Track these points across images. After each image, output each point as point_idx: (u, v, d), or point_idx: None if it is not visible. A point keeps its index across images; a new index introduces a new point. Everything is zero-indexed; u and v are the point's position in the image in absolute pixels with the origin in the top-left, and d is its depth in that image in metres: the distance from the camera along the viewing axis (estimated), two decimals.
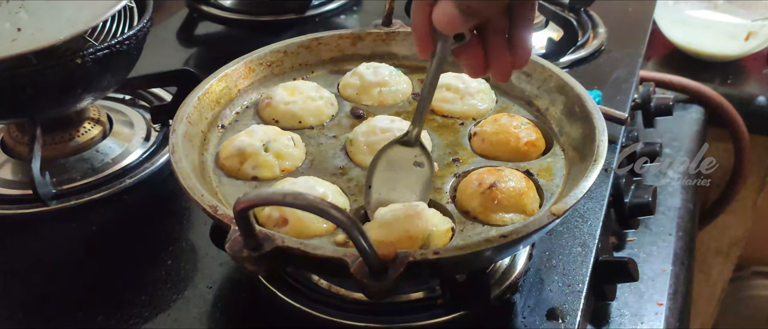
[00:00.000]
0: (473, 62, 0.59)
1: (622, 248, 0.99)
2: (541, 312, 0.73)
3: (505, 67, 0.59)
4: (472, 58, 0.59)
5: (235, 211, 0.52)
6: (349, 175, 0.75)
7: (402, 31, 0.94)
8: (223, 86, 0.84)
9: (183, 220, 0.88)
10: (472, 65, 0.60)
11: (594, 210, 0.86)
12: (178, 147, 0.70)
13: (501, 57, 0.59)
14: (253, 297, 0.75)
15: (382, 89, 0.87)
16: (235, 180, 0.74)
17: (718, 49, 1.41)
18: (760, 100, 1.35)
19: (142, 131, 1.03)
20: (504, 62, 0.59)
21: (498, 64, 0.59)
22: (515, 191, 0.69)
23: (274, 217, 0.66)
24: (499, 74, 0.60)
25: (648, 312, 0.87)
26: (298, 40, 0.92)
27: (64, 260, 0.83)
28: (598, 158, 0.68)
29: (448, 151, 0.79)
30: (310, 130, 0.82)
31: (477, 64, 0.59)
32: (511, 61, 0.59)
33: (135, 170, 0.95)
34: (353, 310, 0.71)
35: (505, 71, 0.60)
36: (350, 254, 0.55)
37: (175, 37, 1.39)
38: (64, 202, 0.89)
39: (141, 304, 0.75)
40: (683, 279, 0.97)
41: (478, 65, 0.59)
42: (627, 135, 1.08)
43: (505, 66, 0.59)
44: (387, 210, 0.66)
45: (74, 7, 0.86)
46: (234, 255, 0.55)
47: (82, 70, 0.83)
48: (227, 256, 0.58)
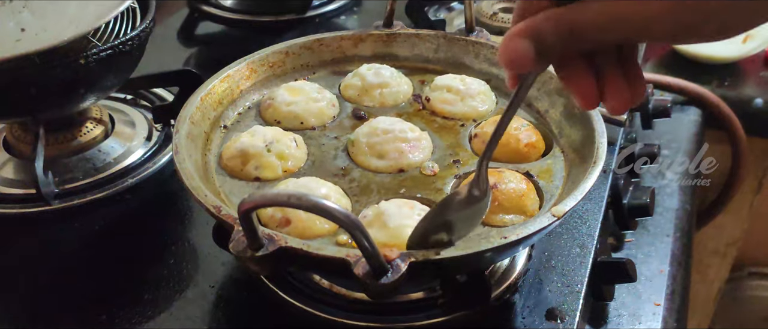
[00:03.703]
0: (585, 92, 0.50)
1: (620, 249, 1.00)
2: (540, 313, 0.73)
3: (623, 100, 0.50)
4: (583, 88, 0.50)
5: (240, 212, 0.53)
6: (350, 176, 0.76)
7: (403, 33, 0.94)
8: (225, 86, 0.84)
9: (185, 219, 0.89)
10: (584, 96, 0.50)
11: (593, 211, 0.87)
12: (182, 147, 0.71)
13: (618, 89, 0.49)
14: (254, 296, 0.76)
15: (383, 90, 0.88)
16: (237, 180, 0.75)
17: (715, 52, 1.41)
18: (757, 102, 1.35)
19: (144, 130, 1.03)
20: (621, 95, 0.49)
21: (615, 97, 0.49)
22: (515, 193, 0.69)
23: (277, 217, 0.67)
24: (615, 108, 0.50)
25: (646, 312, 0.88)
26: (300, 41, 0.92)
27: (66, 259, 0.84)
28: (598, 160, 0.69)
29: (449, 152, 0.79)
30: (312, 131, 0.83)
31: (590, 95, 0.50)
32: (629, 95, 0.49)
33: (137, 170, 0.95)
34: (354, 310, 0.72)
35: (623, 105, 0.50)
36: (353, 254, 0.56)
37: (176, 37, 1.40)
38: (66, 201, 0.89)
39: (143, 303, 0.75)
40: (680, 279, 0.98)
41: (590, 95, 0.50)
42: (625, 137, 1.08)
43: (623, 100, 0.50)
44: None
45: (78, 7, 0.87)
46: (238, 255, 0.56)
47: (86, 70, 0.83)
48: (229, 256, 0.59)
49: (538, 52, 0.45)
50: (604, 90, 0.49)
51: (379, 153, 0.77)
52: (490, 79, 0.90)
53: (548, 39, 0.45)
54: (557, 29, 0.45)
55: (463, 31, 0.93)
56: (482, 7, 1.31)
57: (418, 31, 0.95)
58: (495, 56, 0.90)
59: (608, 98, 0.49)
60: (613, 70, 0.49)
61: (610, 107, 0.50)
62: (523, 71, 0.50)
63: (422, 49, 0.95)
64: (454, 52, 0.93)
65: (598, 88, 0.49)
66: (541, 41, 0.45)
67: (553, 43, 0.45)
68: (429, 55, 0.94)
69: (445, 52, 0.94)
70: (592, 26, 0.44)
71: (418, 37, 0.94)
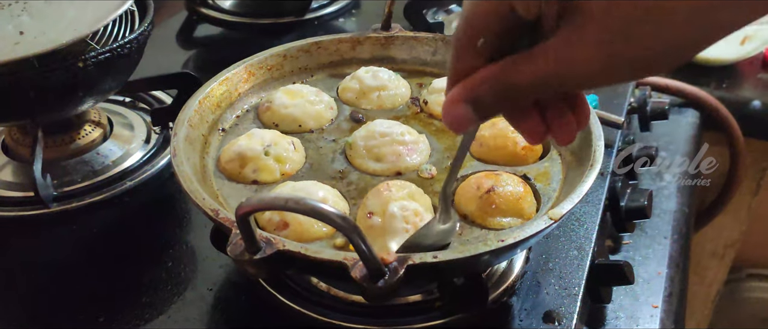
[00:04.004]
0: (532, 130, 0.49)
1: (617, 251, 1.00)
2: (537, 315, 0.73)
3: (570, 130, 0.49)
4: (530, 127, 0.49)
5: (238, 215, 0.53)
6: (348, 179, 0.76)
7: (401, 36, 0.94)
8: (223, 89, 0.84)
9: (183, 222, 0.89)
10: (531, 134, 0.49)
11: (590, 214, 0.87)
12: (180, 150, 0.71)
13: (565, 123, 0.48)
14: (252, 299, 0.76)
15: (381, 93, 0.88)
16: (235, 183, 0.75)
17: (713, 53, 1.41)
18: (755, 104, 1.35)
19: (143, 133, 1.03)
20: (568, 125, 0.49)
21: (561, 129, 0.49)
22: (513, 196, 0.70)
23: (274, 220, 0.67)
24: (562, 139, 0.49)
25: (643, 314, 0.88)
26: (298, 44, 0.92)
27: (64, 262, 0.84)
28: (595, 163, 0.69)
29: (447, 155, 0.80)
30: (310, 134, 0.83)
31: (537, 132, 0.49)
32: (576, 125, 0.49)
33: (135, 173, 0.95)
34: (352, 312, 0.72)
35: (571, 135, 0.49)
36: (350, 257, 0.56)
37: (175, 40, 1.40)
38: (64, 204, 0.89)
39: (141, 306, 0.76)
40: (678, 281, 0.98)
41: (538, 133, 0.49)
42: (623, 139, 1.08)
43: (569, 130, 0.49)
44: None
45: (76, 10, 0.87)
46: (235, 258, 0.56)
47: (84, 73, 0.83)
48: (227, 258, 0.59)
49: (478, 113, 0.46)
50: (551, 125, 0.48)
51: (377, 156, 0.77)
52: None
53: (486, 101, 0.46)
54: (493, 91, 0.45)
55: None
56: None
57: (416, 34, 0.95)
58: None
59: (557, 131, 0.49)
60: (555, 104, 0.48)
61: (559, 140, 0.50)
62: (464, 131, 0.52)
63: (420, 51, 0.95)
64: None
65: (544, 124, 0.48)
66: (479, 104, 0.46)
67: (491, 105, 0.46)
68: (427, 58, 0.95)
69: (443, 55, 0.94)
70: (528, 87, 0.44)
71: (416, 39, 0.94)
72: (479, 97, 0.46)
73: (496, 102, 0.46)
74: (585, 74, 0.42)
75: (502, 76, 0.44)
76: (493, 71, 0.45)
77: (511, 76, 0.44)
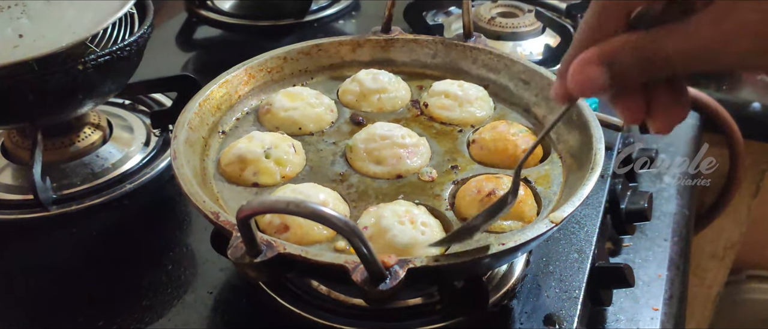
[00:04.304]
0: (634, 110, 0.48)
1: (618, 253, 1.00)
2: (538, 318, 0.73)
3: (670, 121, 0.48)
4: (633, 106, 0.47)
5: (238, 218, 0.53)
6: (348, 181, 0.76)
7: (401, 38, 0.94)
8: (223, 91, 0.84)
9: (183, 225, 0.89)
10: (632, 114, 0.48)
11: (590, 217, 0.87)
12: (180, 153, 0.71)
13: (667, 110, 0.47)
14: (253, 302, 0.76)
15: (381, 96, 0.88)
16: (235, 186, 0.75)
17: None
18: (755, 106, 1.36)
19: (142, 136, 1.03)
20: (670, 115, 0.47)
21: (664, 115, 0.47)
22: None
23: (275, 223, 0.67)
24: (663, 127, 0.48)
25: (644, 316, 0.88)
26: (298, 46, 0.92)
27: (64, 265, 0.84)
28: (595, 167, 0.69)
29: (447, 158, 0.79)
30: (310, 136, 0.83)
31: (638, 113, 0.48)
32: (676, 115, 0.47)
33: (135, 175, 0.95)
34: (352, 315, 0.72)
35: (670, 126, 0.48)
36: (351, 261, 0.56)
37: (174, 42, 1.40)
38: (64, 207, 0.89)
39: (141, 309, 0.75)
40: (678, 283, 0.98)
41: (638, 114, 0.48)
42: (623, 141, 1.08)
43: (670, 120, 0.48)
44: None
45: (76, 13, 0.87)
46: (236, 261, 0.56)
47: (84, 76, 0.83)
48: (227, 261, 0.59)
49: (613, 77, 0.44)
50: (653, 110, 0.47)
51: (377, 159, 0.77)
52: (488, 85, 0.90)
53: (625, 66, 0.44)
54: (637, 57, 0.43)
55: (461, 35, 0.93)
56: (480, 12, 1.31)
57: (416, 37, 0.95)
58: (493, 62, 0.90)
59: (656, 117, 0.47)
60: (663, 89, 0.46)
61: (656, 127, 0.48)
62: (588, 97, 0.49)
63: (420, 54, 0.95)
64: (452, 58, 0.93)
65: (646, 105, 0.47)
66: (617, 68, 0.44)
67: (630, 73, 0.44)
68: (427, 61, 0.95)
69: (442, 58, 0.94)
70: (676, 58, 0.42)
71: (416, 42, 0.94)
72: (619, 61, 0.44)
73: (637, 68, 0.44)
74: (738, 52, 0.41)
75: (651, 44, 0.43)
76: (641, 37, 0.43)
77: (660, 44, 0.42)
